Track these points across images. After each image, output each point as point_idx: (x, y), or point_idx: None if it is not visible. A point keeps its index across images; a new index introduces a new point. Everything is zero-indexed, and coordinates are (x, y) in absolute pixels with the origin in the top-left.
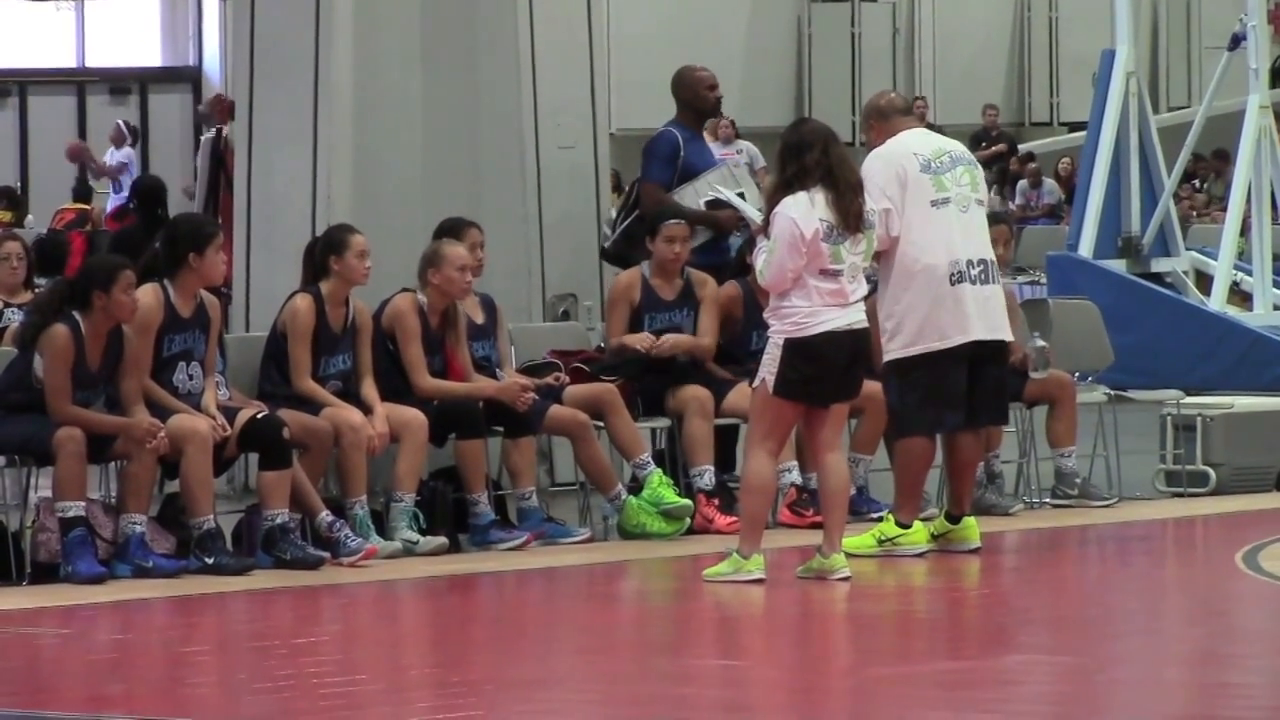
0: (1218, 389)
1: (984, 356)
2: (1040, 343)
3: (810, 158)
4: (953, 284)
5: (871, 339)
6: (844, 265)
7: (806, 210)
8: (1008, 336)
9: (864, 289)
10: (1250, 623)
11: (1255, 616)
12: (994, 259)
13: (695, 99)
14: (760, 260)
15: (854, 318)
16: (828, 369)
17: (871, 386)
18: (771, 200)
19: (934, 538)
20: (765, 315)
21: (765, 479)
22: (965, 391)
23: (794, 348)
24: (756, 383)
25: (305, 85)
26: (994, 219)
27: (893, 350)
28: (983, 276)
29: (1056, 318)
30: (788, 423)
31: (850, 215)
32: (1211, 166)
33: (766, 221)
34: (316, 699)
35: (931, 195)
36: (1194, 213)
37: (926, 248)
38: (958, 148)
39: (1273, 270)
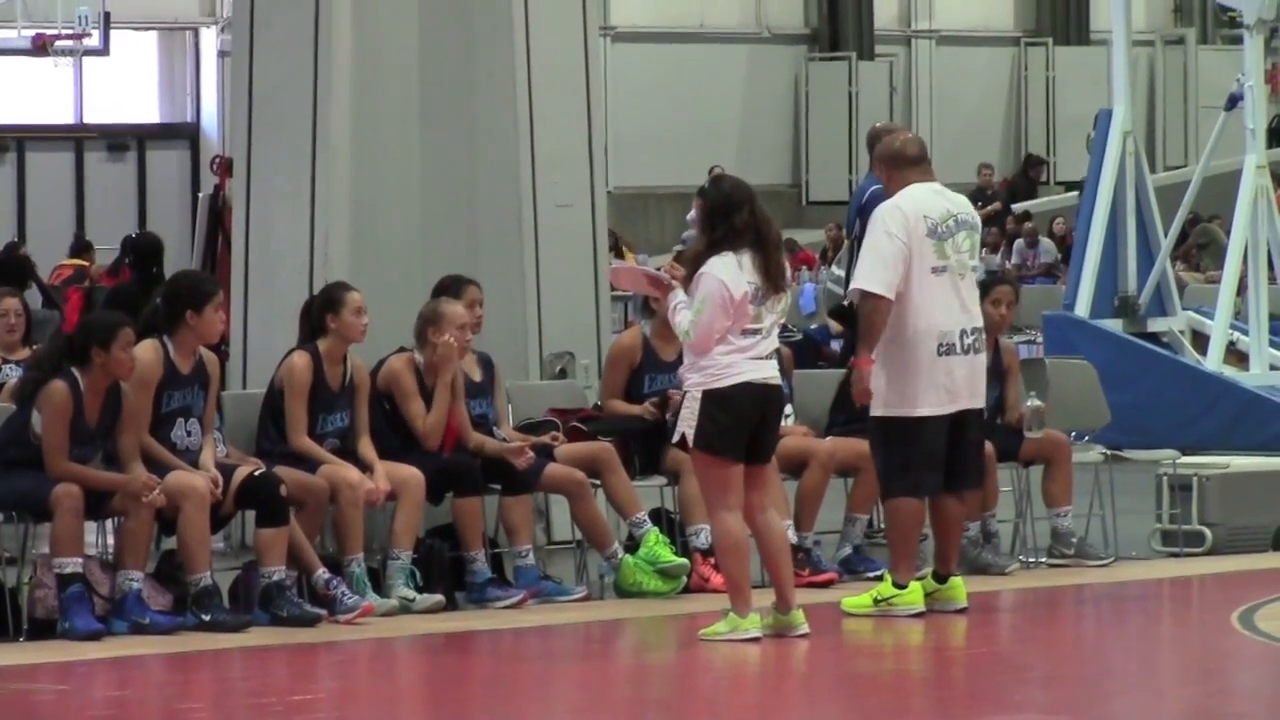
0: (1214, 449)
1: (964, 422)
2: (1036, 402)
3: (739, 219)
4: (939, 355)
5: (783, 396)
6: (764, 325)
7: (735, 273)
8: (982, 404)
9: (774, 345)
10: (1246, 682)
11: (1250, 676)
12: (983, 326)
13: None
14: (685, 319)
15: (768, 373)
16: (742, 420)
17: (865, 447)
18: (697, 260)
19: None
20: (681, 371)
21: (734, 538)
22: (945, 456)
23: (711, 398)
24: (676, 437)
25: (303, 142)
26: (998, 280)
27: (876, 408)
28: (974, 345)
29: (1053, 377)
30: (733, 478)
31: (776, 276)
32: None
33: (685, 279)
34: None
35: (933, 262)
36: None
37: (919, 315)
38: (963, 209)
39: (1269, 330)
